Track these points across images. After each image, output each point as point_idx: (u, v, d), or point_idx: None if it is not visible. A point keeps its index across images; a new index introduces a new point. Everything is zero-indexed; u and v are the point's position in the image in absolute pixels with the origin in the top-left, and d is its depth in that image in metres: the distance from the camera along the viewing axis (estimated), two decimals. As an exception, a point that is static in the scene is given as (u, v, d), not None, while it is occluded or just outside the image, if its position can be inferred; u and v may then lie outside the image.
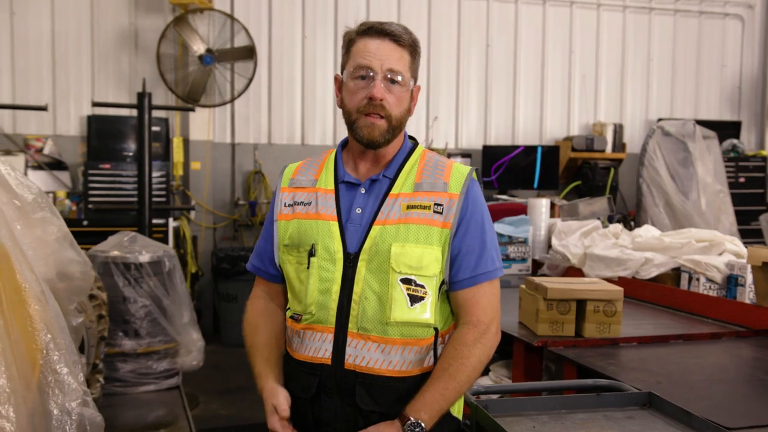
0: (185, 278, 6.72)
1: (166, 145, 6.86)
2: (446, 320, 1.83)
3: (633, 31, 8.36)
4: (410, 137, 1.94)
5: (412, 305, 1.73)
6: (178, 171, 6.92)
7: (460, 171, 1.83)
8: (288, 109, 7.38)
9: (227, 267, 6.58)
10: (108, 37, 6.87)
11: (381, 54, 1.76)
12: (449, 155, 7.64)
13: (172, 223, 6.49)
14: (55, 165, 6.72)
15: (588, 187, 7.66)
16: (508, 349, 2.97)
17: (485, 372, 3.17)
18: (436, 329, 1.78)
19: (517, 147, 7.71)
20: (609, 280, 3.82)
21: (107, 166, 6.42)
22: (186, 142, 7.02)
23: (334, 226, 1.79)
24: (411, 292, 1.73)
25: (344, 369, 1.75)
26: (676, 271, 3.66)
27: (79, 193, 6.53)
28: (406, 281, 1.73)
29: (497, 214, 5.04)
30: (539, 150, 7.67)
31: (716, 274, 3.45)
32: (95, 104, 5.28)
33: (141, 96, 4.94)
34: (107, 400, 3.90)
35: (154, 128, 6.75)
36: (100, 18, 6.82)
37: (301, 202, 1.85)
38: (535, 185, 7.67)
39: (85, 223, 6.20)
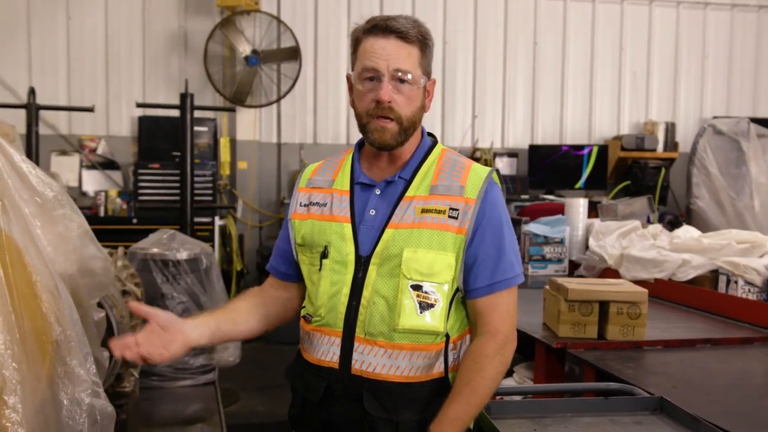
0: (231, 275, 6.86)
1: (214, 145, 6.99)
2: (460, 326, 1.78)
3: (687, 27, 8.13)
4: (429, 134, 1.87)
5: (421, 312, 1.68)
6: (225, 170, 7.05)
7: (478, 174, 1.75)
8: (333, 109, 7.43)
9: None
10: (158, 40, 7.04)
11: (387, 54, 1.70)
12: (495, 155, 7.58)
13: (218, 222, 6.61)
14: (107, 164, 6.92)
15: (638, 188, 7.48)
16: (533, 350, 2.93)
17: (509, 374, 3.13)
18: (447, 335, 1.72)
19: (564, 146, 7.60)
20: (645, 282, 3.74)
21: (156, 165, 6.57)
22: (233, 142, 7.14)
23: (347, 228, 1.75)
24: (421, 299, 1.68)
25: (351, 374, 1.72)
26: (715, 274, 3.55)
27: (130, 191, 6.71)
28: (417, 287, 1.68)
29: (535, 213, 4.98)
30: (588, 149, 7.53)
31: (756, 277, 3.33)
32: (139, 105, 5.42)
33: (183, 97, 5.04)
34: (144, 394, 3.99)
35: (202, 128, 6.91)
36: (150, 21, 6.99)
37: (317, 203, 1.81)
38: (583, 185, 7.54)
39: (134, 221, 6.37)
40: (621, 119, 8.07)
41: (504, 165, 7.64)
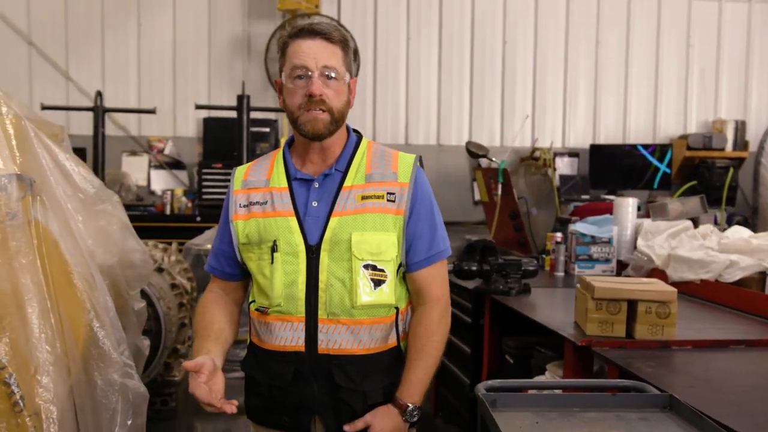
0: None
1: (275, 145, 7.17)
2: (404, 298, 1.98)
3: (759, 22, 7.86)
4: (354, 130, 2.03)
5: (375, 288, 1.87)
6: (286, 170, 7.21)
7: (407, 160, 1.96)
8: (392, 110, 7.52)
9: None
10: (223, 44, 7.28)
11: (315, 53, 1.83)
12: (555, 155, 7.51)
13: (278, 220, 6.77)
14: (174, 164, 7.19)
15: (704, 188, 7.26)
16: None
17: (541, 371, 3.14)
18: (396, 308, 1.93)
19: (628, 145, 7.46)
20: (691, 282, 3.68)
21: (219, 165, 6.80)
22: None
23: (293, 222, 1.88)
24: (374, 277, 1.86)
25: (318, 354, 1.86)
26: (762, 275, 3.46)
27: (194, 190, 6.96)
28: (369, 267, 1.86)
29: (586, 214, 4.93)
30: (652, 148, 7.38)
31: (804, 279, 3.24)
32: (198, 107, 5.64)
33: (240, 98, 5.22)
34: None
35: (264, 129, 7.11)
36: (216, 26, 7.24)
37: (257, 202, 1.93)
38: (647, 185, 7.38)
39: (198, 218, 6.61)
40: (688, 117, 7.87)
41: (564, 165, 7.57)
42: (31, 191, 2.05)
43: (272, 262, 1.88)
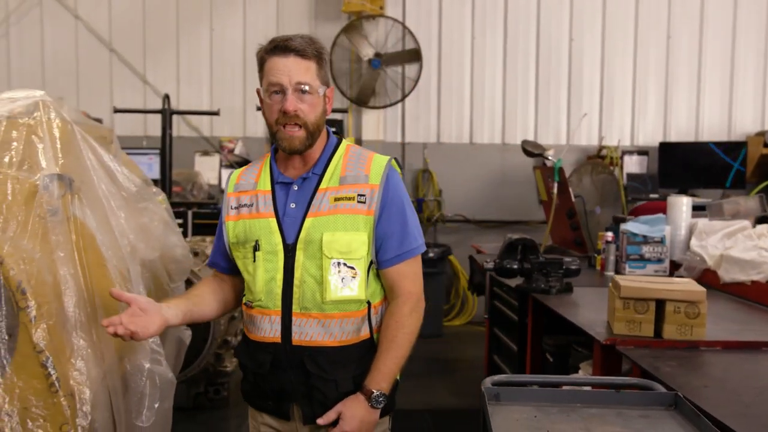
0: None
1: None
2: (378, 294, 2.08)
3: None
4: (335, 132, 2.12)
5: (344, 285, 1.98)
6: (351, 169, 7.35)
7: (379, 163, 2.05)
8: (457, 109, 7.55)
9: (392, 261, 6.88)
10: (291, 46, 7.46)
11: (288, 70, 1.94)
12: (623, 153, 7.38)
13: (342, 218, 6.92)
14: (243, 164, 7.38)
15: (782, 187, 7.00)
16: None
17: (575, 369, 3.14)
18: (368, 303, 2.03)
19: (700, 143, 7.25)
20: (743, 284, 3.59)
21: (285, 164, 6.99)
22: (358, 142, 7.44)
23: (273, 222, 2.02)
24: (343, 274, 1.97)
25: (292, 345, 2.00)
26: (815, 277, 3.35)
27: (262, 189, 7.18)
28: (339, 264, 1.97)
29: (645, 212, 4.84)
30: (726, 146, 7.14)
31: None
32: (259, 108, 5.80)
33: (300, 100, 5.38)
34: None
35: (330, 129, 7.26)
36: (283, 29, 7.45)
37: (245, 204, 2.08)
38: (720, 184, 7.15)
39: (265, 216, 6.82)
40: (766, 114, 7.58)
41: (633, 163, 7.43)
42: (71, 190, 2.22)
43: (254, 260, 2.02)
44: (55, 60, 7.50)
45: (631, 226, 4.24)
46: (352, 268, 1.98)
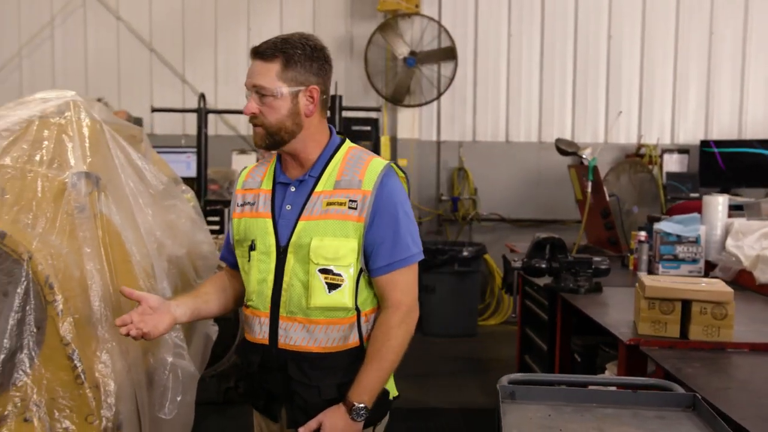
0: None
1: (376, 144, 7.35)
2: (369, 302, 2.03)
3: None
4: (338, 133, 2.10)
5: (330, 292, 1.95)
6: (386, 168, 7.37)
7: (375, 168, 1.99)
8: (492, 107, 7.52)
9: (426, 259, 6.84)
10: (327, 45, 7.39)
11: (252, 73, 1.96)
12: (663, 152, 7.26)
13: (377, 217, 6.94)
14: (280, 162, 7.51)
15: (830, 186, 6.82)
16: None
17: (603, 369, 3.11)
18: (358, 310, 1.99)
19: (744, 141, 7.10)
20: (778, 285, 3.52)
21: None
22: (394, 140, 7.46)
23: (269, 223, 2.01)
24: (329, 281, 1.95)
25: (278, 348, 1.99)
26: None
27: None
28: (324, 271, 1.94)
29: (682, 212, 4.77)
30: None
31: None
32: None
33: (333, 98, 5.42)
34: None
35: (365, 128, 7.30)
36: (319, 28, 7.50)
37: (248, 203, 2.08)
38: (764, 183, 6.98)
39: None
40: (813, 111, 7.39)
41: (673, 162, 7.30)
42: (98, 187, 2.29)
43: (249, 260, 2.03)
44: (97, 60, 7.67)
45: (664, 226, 4.18)
46: (339, 275, 1.95)
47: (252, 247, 2.02)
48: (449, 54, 7.00)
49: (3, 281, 2.06)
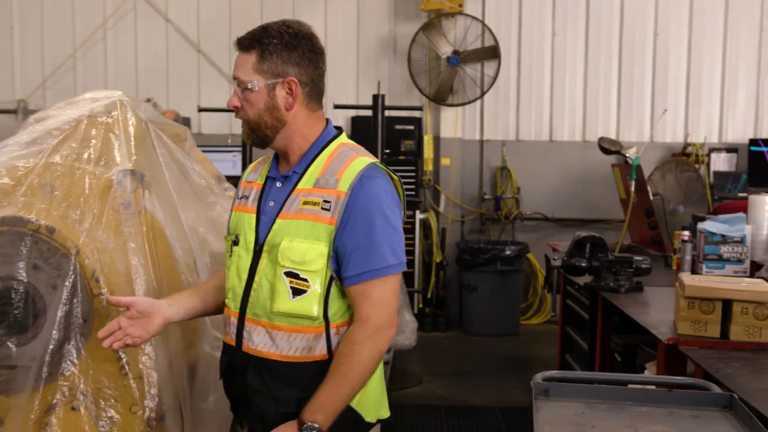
0: (431, 267, 7.21)
1: (418, 143, 7.38)
2: (342, 313, 1.87)
3: None
4: (336, 127, 1.98)
5: (294, 297, 1.81)
6: (428, 167, 7.40)
7: (355, 167, 1.84)
8: (536, 106, 7.48)
9: (468, 258, 6.89)
10: (370, 45, 7.58)
11: (234, 65, 1.90)
12: (710, 150, 7.13)
13: (419, 215, 6.98)
14: (324, 161, 7.59)
15: None
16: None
17: (642, 369, 3.09)
18: (327, 320, 1.84)
19: (794, 140, 6.93)
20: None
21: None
22: (437, 139, 7.47)
23: (253, 218, 1.91)
24: (294, 285, 1.81)
25: (242, 351, 1.89)
26: None
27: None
28: (291, 275, 1.81)
29: (728, 212, 4.68)
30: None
31: None
32: (336, 106, 5.93)
33: (375, 97, 5.45)
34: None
35: (408, 127, 7.34)
36: (363, 28, 7.56)
37: (245, 196, 1.99)
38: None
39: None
40: None
41: (721, 161, 7.16)
42: (142, 184, 2.36)
43: (231, 255, 1.95)
44: (146, 61, 7.84)
45: (708, 225, 4.11)
46: (305, 280, 1.80)
47: (235, 242, 1.94)
48: (492, 53, 6.99)
49: (52, 275, 2.15)
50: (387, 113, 6.89)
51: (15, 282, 2.12)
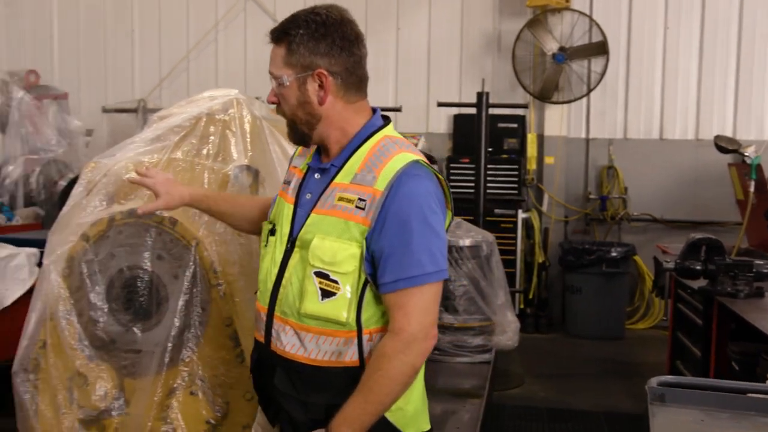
0: (533, 267, 7.10)
1: (522, 141, 7.28)
2: (377, 319, 1.75)
3: None
4: (383, 116, 1.85)
5: (322, 300, 1.70)
6: (532, 165, 7.29)
7: (395, 165, 1.70)
8: (646, 103, 7.24)
9: (572, 259, 6.75)
10: (474, 42, 7.54)
11: (269, 59, 1.79)
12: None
13: (521, 215, 6.90)
14: (426, 159, 7.60)
15: None
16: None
17: (763, 379, 2.93)
18: (360, 326, 1.72)
19: None
20: None
21: (466, 160, 7.05)
22: (540, 137, 7.35)
23: (290, 210, 1.81)
24: (323, 287, 1.70)
25: (270, 349, 1.80)
26: None
27: (444, 184, 7.31)
28: (320, 275, 1.70)
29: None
30: None
31: None
32: (440, 104, 5.93)
33: (480, 95, 5.42)
34: (426, 365, 4.45)
35: (512, 125, 7.25)
36: (468, 25, 7.52)
37: (288, 181, 1.90)
38: None
39: (445, 211, 6.93)
40: None
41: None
42: (257, 180, 2.44)
43: (266, 245, 1.85)
44: (255, 61, 8.06)
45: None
46: (335, 282, 1.69)
47: (272, 232, 1.84)
48: (600, 49, 6.81)
49: (174, 265, 2.25)
50: (490, 111, 6.85)
51: (140, 271, 2.24)
